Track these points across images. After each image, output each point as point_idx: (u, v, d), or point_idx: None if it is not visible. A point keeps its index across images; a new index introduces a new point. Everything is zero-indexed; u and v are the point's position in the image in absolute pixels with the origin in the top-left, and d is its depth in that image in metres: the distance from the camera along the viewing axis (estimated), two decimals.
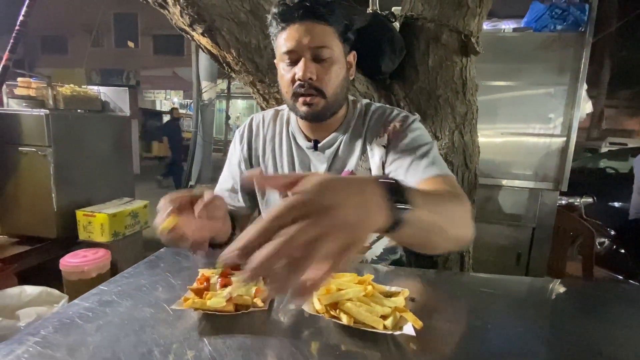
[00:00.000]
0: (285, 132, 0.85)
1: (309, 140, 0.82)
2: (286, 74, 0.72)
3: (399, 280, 0.64)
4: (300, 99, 0.71)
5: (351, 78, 0.80)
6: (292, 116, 0.85)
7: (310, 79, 0.69)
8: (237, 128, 0.92)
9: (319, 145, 0.81)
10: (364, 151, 0.80)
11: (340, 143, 0.81)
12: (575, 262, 1.87)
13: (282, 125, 0.86)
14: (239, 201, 0.87)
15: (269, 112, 0.90)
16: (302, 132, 0.82)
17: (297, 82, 0.70)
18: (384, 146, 0.78)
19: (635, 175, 2.41)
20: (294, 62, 0.71)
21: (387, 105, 0.85)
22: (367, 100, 0.87)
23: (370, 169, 0.79)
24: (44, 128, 2.15)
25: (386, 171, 0.76)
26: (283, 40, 0.70)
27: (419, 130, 0.78)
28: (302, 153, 0.83)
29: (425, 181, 0.66)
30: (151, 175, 6.21)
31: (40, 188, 2.21)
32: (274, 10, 0.71)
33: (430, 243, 0.47)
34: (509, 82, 1.93)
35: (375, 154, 0.78)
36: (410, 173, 0.69)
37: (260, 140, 0.87)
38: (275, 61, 0.79)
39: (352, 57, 0.78)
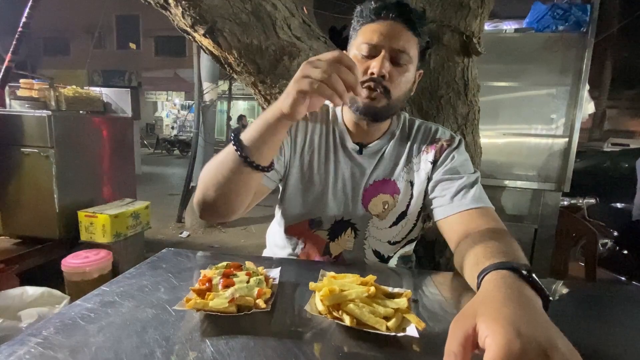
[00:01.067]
0: (332, 129, 0.83)
1: (354, 142, 0.81)
2: (359, 64, 0.70)
3: (401, 281, 0.64)
4: (365, 91, 0.71)
5: (411, 94, 0.80)
6: (339, 114, 0.84)
7: (383, 76, 0.69)
8: None
9: (365, 149, 0.81)
10: (407, 163, 0.81)
11: (385, 150, 0.81)
12: (578, 264, 1.86)
13: (329, 121, 0.84)
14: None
15: None
16: (349, 132, 0.82)
17: (369, 76, 0.70)
18: (430, 162, 0.79)
19: (638, 177, 2.40)
20: (370, 56, 0.71)
21: (430, 122, 0.87)
22: (409, 115, 0.88)
23: (411, 182, 0.81)
24: (46, 129, 2.15)
25: (430, 186, 0.78)
26: (368, 30, 0.71)
27: (466, 155, 0.80)
28: (348, 154, 0.82)
29: (472, 211, 0.69)
30: None
31: (42, 189, 2.22)
32: (370, 3, 0.72)
33: None
34: (511, 82, 1.93)
35: (422, 169, 0.80)
36: (458, 198, 0.71)
37: (302, 126, 0.83)
38: (345, 52, 0.77)
39: (418, 75, 0.79)
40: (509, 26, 2.10)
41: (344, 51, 0.78)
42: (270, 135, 0.62)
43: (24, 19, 2.37)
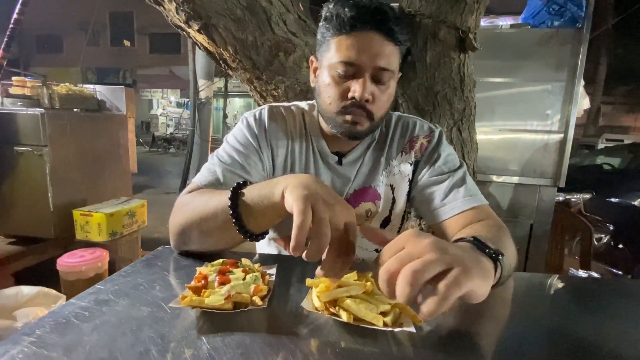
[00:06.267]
0: (310, 138, 0.77)
1: (332, 151, 0.76)
2: (335, 85, 0.65)
3: None
4: (348, 117, 0.66)
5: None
6: (316, 121, 0.77)
7: (367, 100, 0.63)
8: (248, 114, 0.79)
9: (345, 160, 0.76)
10: (386, 166, 0.77)
11: (364, 157, 0.77)
12: (573, 258, 1.88)
13: (307, 130, 0.78)
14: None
15: (289, 109, 0.79)
16: (327, 141, 0.76)
17: (351, 100, 0.64)
18: (410, 163, 0.75)
19: None
20: (349, 75, 0.64)
21: (407, 115, 0.82)
22: None
23: (392, 185, 0.77)
24: (39, 127, 2.13)
25: (417, 190, 0.74)
26: (345, 46, 0.63)
27: (448, 149, 0.76)
28: (327, 164, 0.77)
29: (466, 213, 0.66)
30: None
31: (36, 188, 2.20)
32: (343, 9, 0.62)
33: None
34: (507, 78, 1.93)
35: (402, 171, 0.76)
36: (449, 200, 0.68)
37: (283, 139, 0.76)
38: (313, 58, 0.73)
39: (398, 76, 0.71)
40: (504, 22, 2.10)
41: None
42: (273, 216, 0.53)
43: (15, 15, 2.34)
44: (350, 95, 0.64)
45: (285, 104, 0.82)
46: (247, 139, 0.74)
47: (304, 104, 0.81)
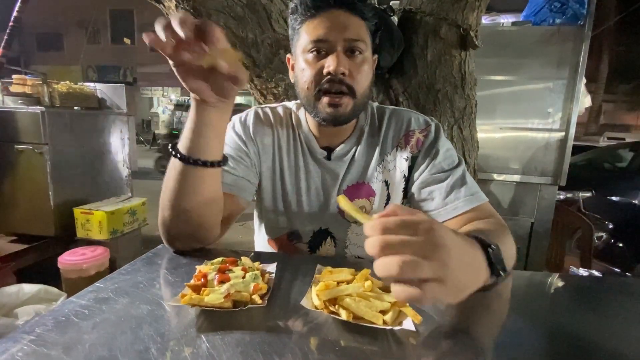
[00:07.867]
0: (297, 134, 0.77)
1: (321, 146, 0.75)
2: (310, 66, 0.65)
3: None
4: (325, 99, 0.65)
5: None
6: (302, 117, 0.77)
7: (343, 73, 0.63)
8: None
9: (333, 154, 0.75)
10: (380, 161, 0.75)
11: (355, 152, 0.75)
12: (574, 256, 1.87)
13: (293, 126, 0.78)
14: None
15: (276, 110, 0.80)
16: (315, 136, 0.76)
17: (327, 77, 0.63)
18: (406, 159, 0.74)
19: None
20: (322, 55, 0.64)
21: (401, 108, 0.80)
22: (377, 104, 0.82)
23: (386, 181, 0.75)
24: (39, 125, 2.13)
25: (416, 188, 0.72)
26: (312, 27, 0.64)
27: (446, 144, 0.74)
28: (316, 160, 0.76)
29: (468, 213, 0.66)
30: None
31: (37, 186, 2.20)
32: None
33: None
34: (508, 76, 1.93)
35: (397, 167, 0.75)
36: (450, 200, 0.67)
37: (268, 131, 0.77)
38: (290, 55, 0.74)
39: (373, 61, 0.72)
40: (506, 19, 2.09)
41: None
42: (198, 124, 0.55)
43: (15, 14, 2.34)
44: (325, 71, 0.63)
45: (273, 104, 0.82)
46: (234, 141, 0.75)
47: (291, 104, 0.81)
